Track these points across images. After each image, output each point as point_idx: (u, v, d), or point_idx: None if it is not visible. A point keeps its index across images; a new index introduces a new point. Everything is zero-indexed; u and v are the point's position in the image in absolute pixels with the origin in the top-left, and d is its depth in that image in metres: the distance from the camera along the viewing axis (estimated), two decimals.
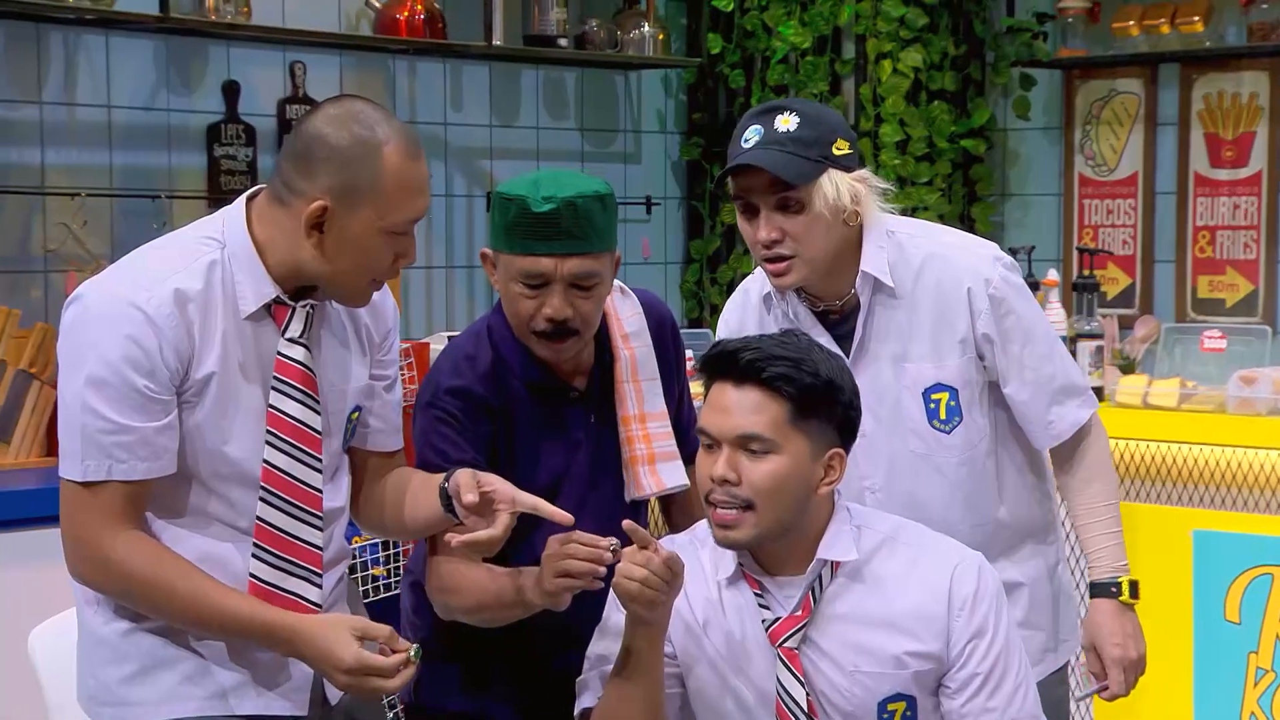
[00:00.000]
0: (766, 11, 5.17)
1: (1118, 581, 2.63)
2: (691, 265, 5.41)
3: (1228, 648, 4.18)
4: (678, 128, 5.41)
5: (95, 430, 2.13)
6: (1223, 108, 4.93)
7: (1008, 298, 2.59)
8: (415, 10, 4.50)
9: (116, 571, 2.16)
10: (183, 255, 2.20)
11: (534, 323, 2.47)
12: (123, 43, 4.16)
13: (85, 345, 2.14)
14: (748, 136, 2.50)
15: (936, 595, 2.30)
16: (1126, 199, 5.13)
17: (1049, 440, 2.66)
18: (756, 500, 2.22)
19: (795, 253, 2.50)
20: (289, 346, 2.23)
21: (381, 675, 2.14)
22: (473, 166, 4.90)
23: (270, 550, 2.22)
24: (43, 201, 4.02)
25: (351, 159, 2.16)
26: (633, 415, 2.57)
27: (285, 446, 2.22)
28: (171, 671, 2.22)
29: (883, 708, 2.27)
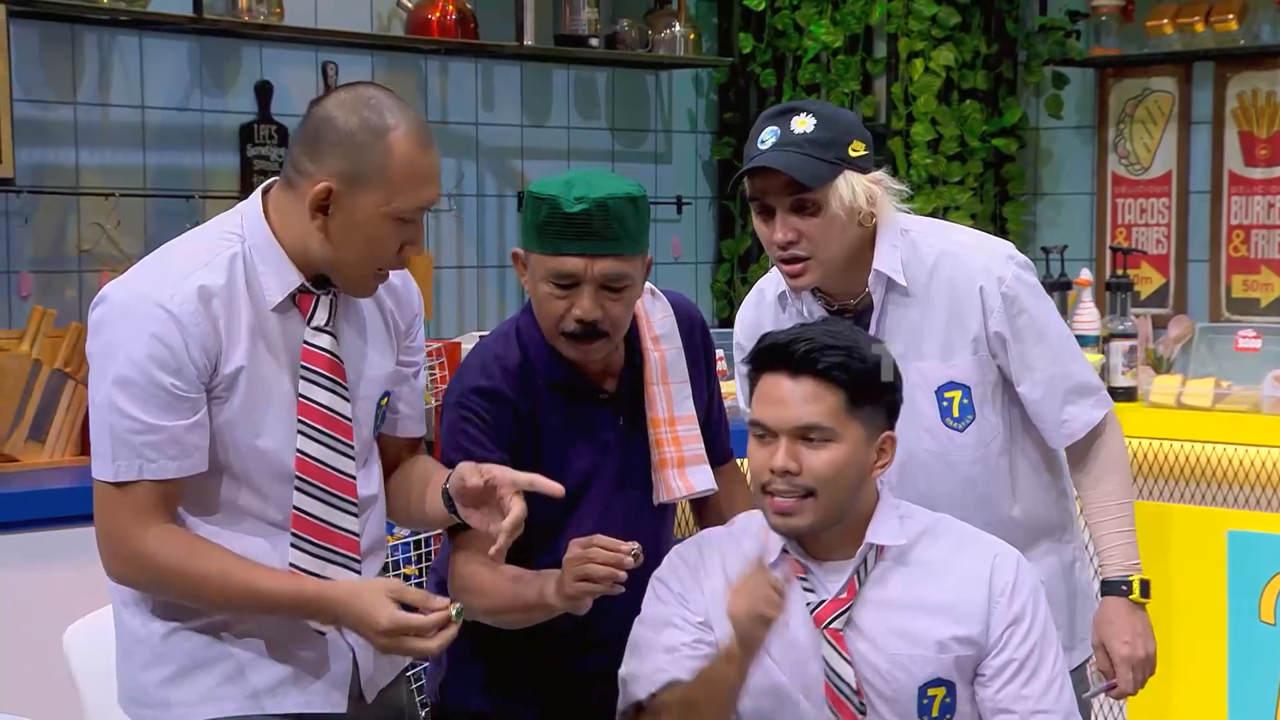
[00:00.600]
0: (798, 11, 5.16)
1: (1129, 580, 2.63)
2: (722, 265, 5.41)
3: (1262, 649, 4.15)
4: (709, 127, 5.41)
5: (125, 430, 2.14)
6: (1257, 106, 4.90)
7: (1020, 296, 2.59)
8: (447, 10, 4.51)
9: (150, 566, 2.17)
10: (205, 251, 2.20)
11: (563, 324, 2.46)
12: (156, 43, 4.18)
13: (112, 345, 2.14)
14: (764, 138, 2.51)
15: (977, 581, 2.33)
16: (1160, 198, 5.10)
17: (1063, 440, 2.66)
18: (818, 488, 2.26)
19: (811, 254, 2.51)
20: (315, 335, 2.22)
21: (419, 635, 2.13)
22: (504, 166, 4.90)
23: (309, 539, 2.22)
24: (77, 202, 4.03)
25: (360, 143, 2.15)
26: (662, 418, 2.56)
27: (317, 435, 2.22)
28: (210, 672, 2.22)
29: (923, 692, 2.29)
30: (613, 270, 2.44)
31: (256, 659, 2.23)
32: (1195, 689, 4.25)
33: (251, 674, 2.23)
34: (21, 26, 3.89)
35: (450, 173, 4.76)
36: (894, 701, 2.28)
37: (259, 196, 2.25)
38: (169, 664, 2.23)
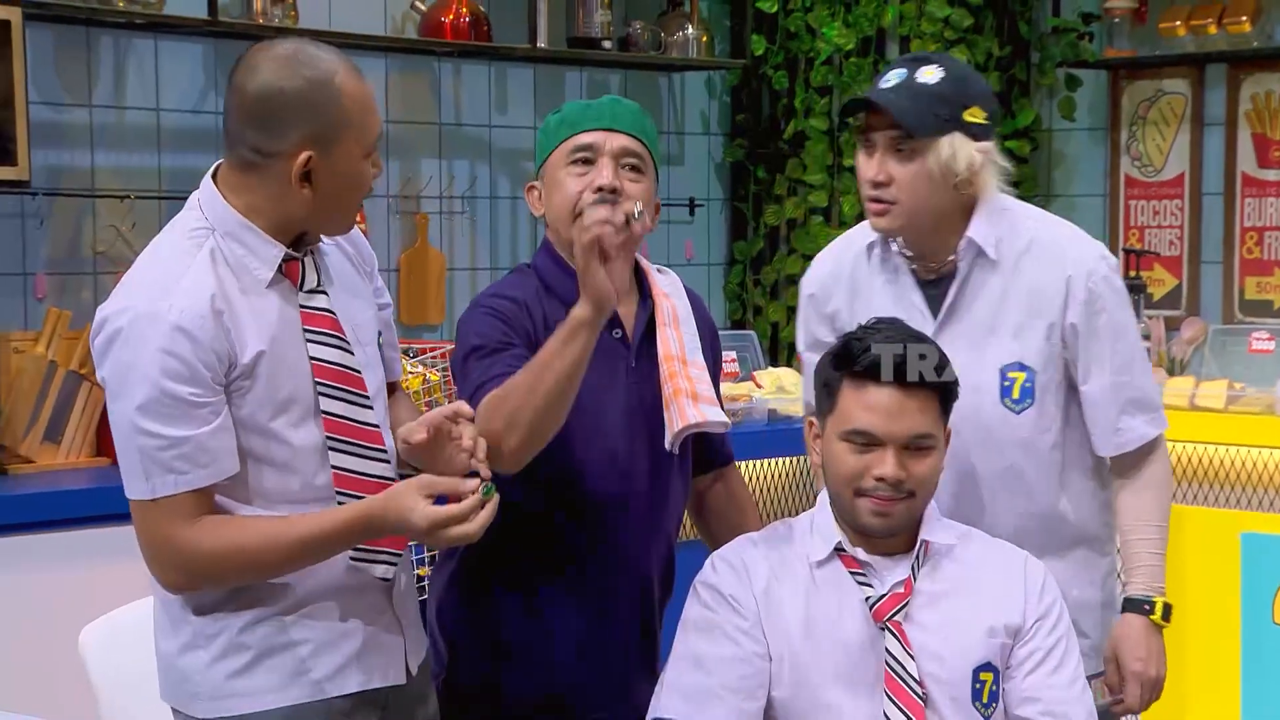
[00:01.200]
0: (810, 13, 5.16)
1: (1152, 600, 2.61)
2: (735, 266, 5.40)
3: (1276, 650, 4.14)
4: (721, 129, 5.41)
5: (153, 449, 2.13)
6: (1270, 108, 4.89)
7: (1105, 295, 2.59)
8: (460, 13, 4.51)
9: (199, 561, 2.17)
10: (184, 254, 2.18)
11: (581, 200, 2.47)
12: (171, 46, 4.18)
13: (124, 368, 2.13)
14: (888, 78, 2.54)
15: (1013, 576, 2.40)
16: (1173, 200, 5.09)
17: (1112, 448, 2.64)
18: (918, 490, 2.34)
19: (897, 199, 2.53)
20: (310, 297, 2.23)
21: (458, 522, 2.16)
22: (517, 168, 4.90)
23: (353, 494, 2.22)
24: (92, 204, 4.04)
25: (316, 102, 2.14)
26: (675, 355, 2.55)
27: (336, 392, 2.22)
28: (280, 660, 2.23)
29: (976, 676, 2.33)
30: (631, 146, 2.50)
31: (321, 644, 2.25)
32: (1209, 691, 4.24)
33: (316, 660, 2.24)
34: (37, 30, 3.90)
35: (464, 174, 4.77)
36: (950, 685, 2.32)
37: (211, 183, 2.22)
38: (243, 655, 2.23)
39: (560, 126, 2.55)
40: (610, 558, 2.54)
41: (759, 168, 5.32)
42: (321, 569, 2.23)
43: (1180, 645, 4.29)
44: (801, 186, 5.24)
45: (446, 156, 4.74)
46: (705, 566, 2.42)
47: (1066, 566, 2.63)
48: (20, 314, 3.95)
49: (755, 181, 5.34)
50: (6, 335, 3.84)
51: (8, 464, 3.73)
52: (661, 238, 5.12)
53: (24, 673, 3.37)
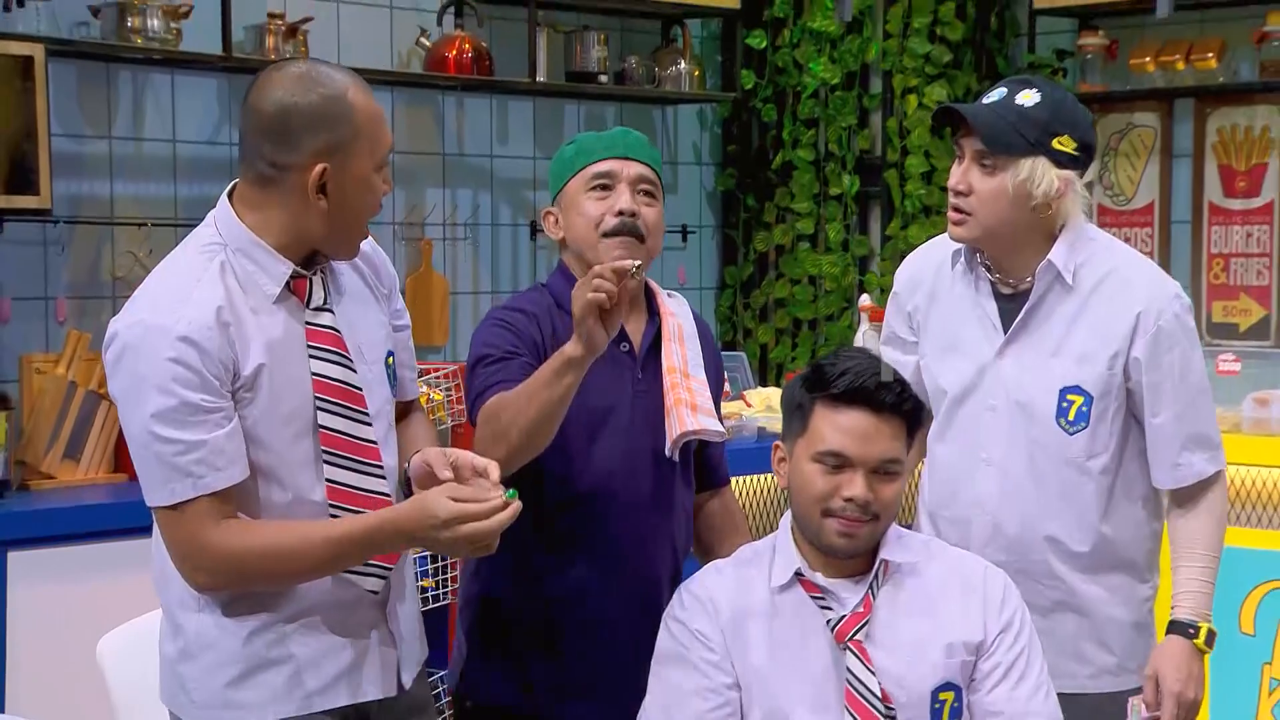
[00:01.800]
0: (798, 49, 5.19)
1: (1198, 625, 2.56)
2: (726, 291, 5.42)
3: (1243, 659, 4.15)
4: (713, 159, 5.43)
5: (171, 455, 2.12)
6: (1236, 140, 4.92)
7: (1175, 334, 2.56)
8: (463, 49, 4.54)
9: (235, 560, 2.15)
10: (195, 268, 2.18)
11: (604, 223, 2.53)
12: (187, 81, 4.21)
13: (136, 380, 2.13)
14: (990, 95, 2.56)
15: (973, 590, 2.35)
16: (1144, 227, 5.11)
17: (1170, 481, 2.60)
18: (883, 513, 2.31)
19: (974, 211, 2.53)
20: (316, 315, 2.22)
21: (477, 518, 2.13)
22: (518, 196, 4.92)
23: (346, 508, 2.21)
24: (111, 231, 4.06)
25: (329, 117, 2.15)
26: (677, 368, 2.59)
27: (335, 408, 2.21)
28: (276, 672, 2.21)
29: (935, 696, 2.30)
30: (645, 174, 2.57)
31: (315, 657, 2.22)
32: None
33: (309, 673, 2.22)
34: (60, 65, 3.92)
35: (466, 203, 4.79)
36: (909, 707, 2.29)
37: (226, 202, 2.23)
38: (239, 665, 2.21)
39: (578, 155, 2.60)
40: (616, 557, 2.55)
41: (749, 196, 5.35)
42: (315, 583, 2.21)
43: None
44: (789, 214, 5.27)
45: (450, 185, 4.76)
46: (673, 599, 2.40)
47: (1104, 587, 2.60)
48: (42, 336, 3.97)
49: (745, 209, 5.36)
50: (29, 357, 3.86)
51: (29, 480, 3.74)
52: (656, 262, 5.13)
53: (45, 680, 3.37)
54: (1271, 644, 4.11)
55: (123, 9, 3.92)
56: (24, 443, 3.77)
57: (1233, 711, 4.16)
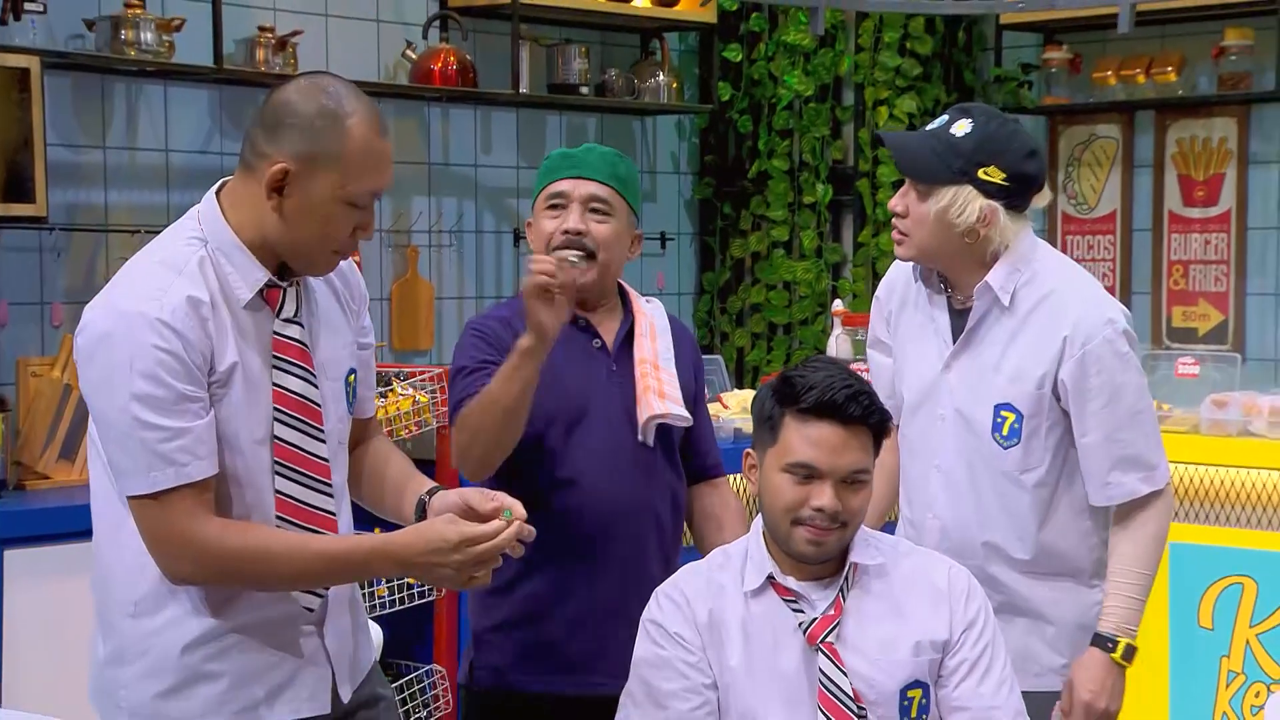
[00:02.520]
0: (773, 62, 5.19)
1: (1116, 640, 2.57)
2: (703, 296, 5.42)
3: (1201, 652, 4.17)
4: (691, 169, 5.43)
5: (155, 441, 2.03)
6: (1195, 151, 4.94)
7: (1103, 358, 2.54)
8: (448, 61, 4.53)
9: (216, 555, 2.06)
10: (175, 260, 2.09)
11: (553, 240, 2.58)
12: (180, 92, 4.19)
13: (115, 367, 2.03)
14: (933, 123, 2.59)
15: (938, 589, 2.35)
16: (1106, 235, 5.13)
17: (1102, 499, 2.60)
18: (850, 521, 2.30)
19: (909, 232, 2.57)
20: (285, 326, 2.14)
21: (485, 540, 2.10)
22: (501, 205, 4.92)
23: (293, 522, 2.14)
24: (106, 238, 4.04)
25: (317, 127, 2.07)
26: (648, 359, 2.63)
27: (292, 421, 2.13)
28: (210, 686, 2.12)
29: (903, 695, 2.29)
30: (597, 192, 2.60)
31: (248, 674, 2.13)
32: (1140, 689, 4.26)
33: (241, 689, 2.13)
34: (55, 77, 3.91)
35: (451, 210, 4.78)
36: (879, 705, 2.29)
37: (213, 198, 2.15)
38: (169, 676, 2.12)
39: (543, 175, 2.66)
40: (602, 540, 2.57)
41: (725, 204, 5.35)
42: (253, 598, 2.12)
43: None
44: (765, 222, 5.27)
45: (435, 194, 4.75)
46: (650, 603, 2.38)
47: (1051, 590, 2.62)
48: (38, 341, 3.95)
49: (722, 217, 5.36)
50: (25, 360, 3.84)
51: (26, 480, 3.72)
52: (635, 269, 5.14)
53: (40, 677, 3.36)
54: (1229, 637, 4.13)
55: (117, 22, 3.90)
56: (20, 444, 3.75)
57: (1192, 704, 4.17)
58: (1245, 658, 4.10)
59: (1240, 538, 4.12)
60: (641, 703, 2.34)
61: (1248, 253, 4.85)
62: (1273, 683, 4.05)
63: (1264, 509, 4.12)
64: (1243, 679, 4.11)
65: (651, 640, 2.35)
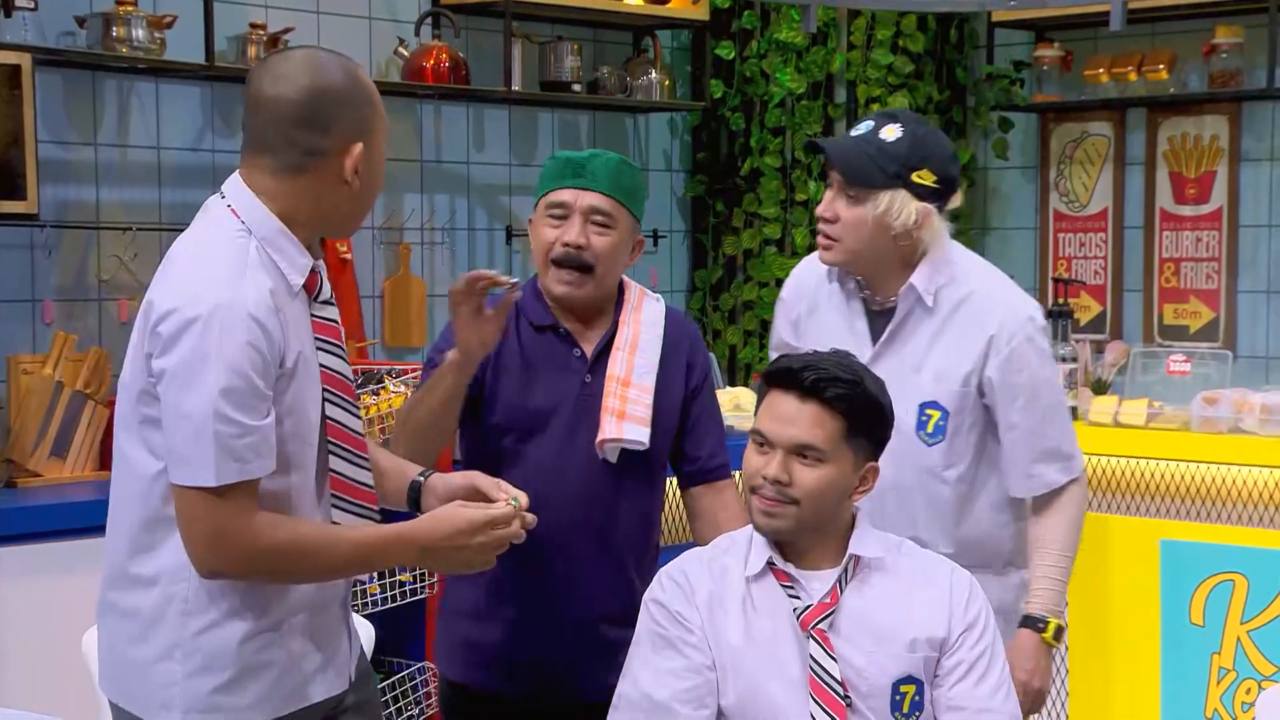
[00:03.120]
0: (765, 59, 5.19)
1: (1046, 620, 2.66)
2: (695, 294, 5.42)
3: (1193, 649, 4.17)
4: (683, 166, 5.43)
5: (229, 436, 2.02)
6: (1186, 149, 4.94)
7: (1026, 356, 2.63)
8: (440, 58, 4.52)
9: (265, 550, 2.07)
10: (237, 254, 2.09)
11: (553, 251, 2.57)
12: (171, 89, 4.18)
13: (205, 357, 2.02)
14: (858, 127, 2.61)
15: (940, 588, 2.37)
16: (1098, 233, 5.13)
17: (1023, 490, 2.70)
18: (802, 500, 2.30)
19: (840, 237, 2.60)
20: (321, 308, 2.18)
21: (503, 523, 2.18)
22: (494, 202, 4.91)
23: (346, 499, 2.18)
24: (97, 235, 4.03)
25: (355, 97, 2.13)
26: (618, 377, 2.60)
27: (337, 399, 2.18)
28: (265, 674, 2.15)
29: (896, 689, 2.31)
30: (599, 204, 2.57)
31: (295, 659, 2.17)
32: (1131, 685, 4.27)
33: (291, 674, 2.17)
34: (46, 74, 3.90)
35: (444, 208, 4.77)
36: (870, 697, 2.30)
37: (248, 191, 2.13)
38: (229, 670, 2.12)
39: (545, 179, 2.63)
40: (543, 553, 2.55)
41: (718, 202, 5.35)
42: (300, 587, 2.16)
43: (1105, 642, 4.32)
44: (757, 219, 5.27)
45: (428, 191, 4.75)
46: (653, 583, 2.41)
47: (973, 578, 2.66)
48: (29, 338, 3.94)
49: (714, 215, 5.36)
50: (16, 358, 3.83)
51: (17, 478, 3.71)
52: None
53: (30, 673, 3.35)
54: (1220, 634, 4.14)
55: (108, 19, 3.89)
56: (11, 441, 3.75)
57: (1183, 700, 4.18)
58: (1236, 654, 4.11)
59: (1231, 535, 4.13)
60: (641, 682, 2.35)
61: (1239, 250, 4.86)
62: (1263, 679, 4.05)
63: (1255, 506, 4.13)
64: (1234, 675, 4.12)
65: (652, 618, 2.37)
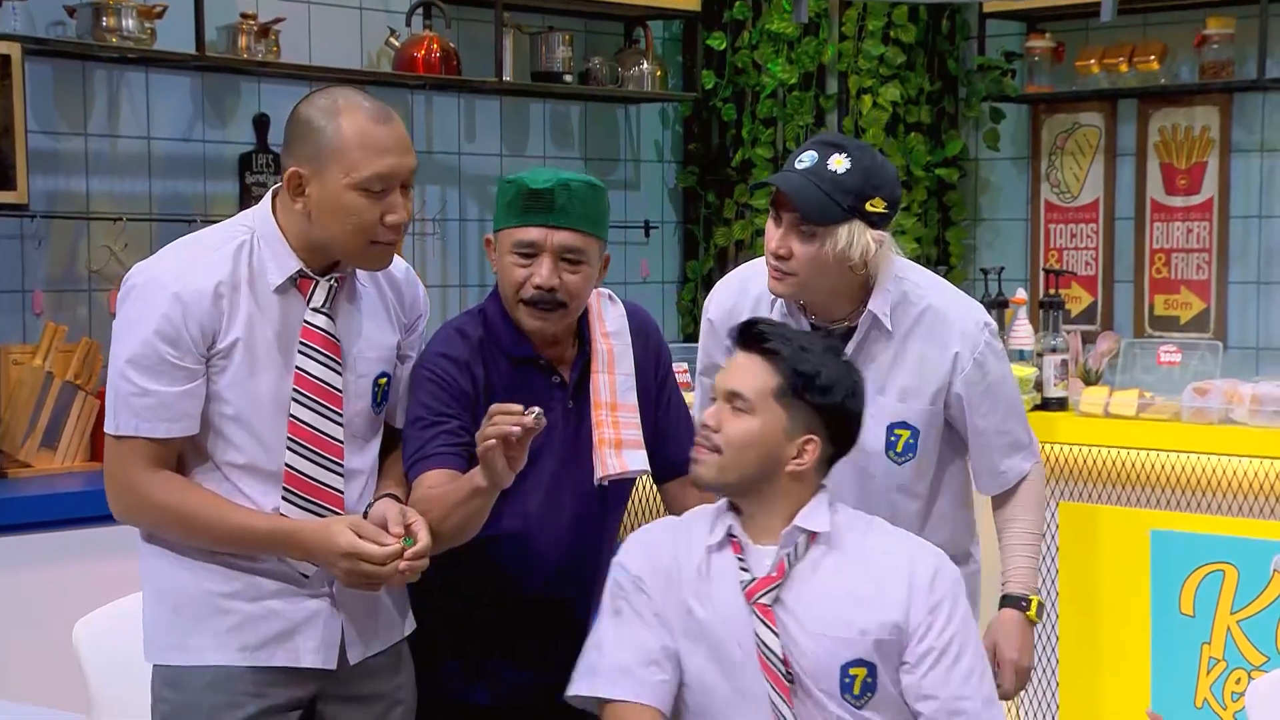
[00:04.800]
0: (756, 50, 5.18)
1: (1028, 598, 2.69)
2: (687, 284, 5.42)
3: (1183, 639, 4.18)
4: (674, 157, 5.42)
5: (127, 394, 2.28)
6: (1177, 140, 4.95)
7: (988, 362, 2.67)
8: (432, 49, 4.51)
9: (149, 504, 2.29)
10: (216, 240, 2.34)
11: (523, 291, 2.49)
12: (162, 79, 4.17)
13: (130, 321, 2.29)
14: (802, 159, 2.54)
15: (898, 572, 2.36)
16: (1089, 224, 5.14)
17: (995, 488, 2.75)
18: (724, 449, 2.33)
19: (795, 272, 2.54)
20: (313, 315, 2.33)
21: (371, 561, 2.25)
22: (485, 193, 4.91)
23: (297, 493, 2.32)
24: (87, 226, 4.03)
25: (316, 128, 2.28)
26: (604, 402, 2.56)
27: (310, 402, 2.32)
28: (220, 622, 2.32)
29: (845, 671, 2.31)
30: (570, 242, 2.48)
31: (253, 617, 2.32)
32: (1121, 675, 4.28)
33: (247, 630, 2.32)
34: (36, 64, 3.89)
35: (435, 199, 4.77)
36: (817, 678, 2.31)
37: (269, 196, 2.38)
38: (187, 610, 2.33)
39: (509, 210, 2.51)
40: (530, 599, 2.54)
41: (709, 193, 5.34)
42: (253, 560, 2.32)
43: (1095, 632, 4.33)
44: (748, 210, 5.27)
45: (419, 182, 4.72)
46: (621, 549, 2.43)
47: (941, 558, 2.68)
48: (19, 328, 3.93)
49: (706, 205, 5.36)
50: (6, 348, 3.82)
51: (7, 468, 3.71)
52: (619, 258, 5.13)
53: (22, 664, 3.35)
54: (1210, 624, 4.15)
55: (98, 9, 3.88)
56: (2, 432, 3.74)
57: (1173, 690, 4.19)
58: (1226, 644, 4.12)
59: (1221, 525, 4.14)
60: (604, 646, 2.36)
61: (1229, 241, 4.87)
62: (1253, 669, 4.06)
63: (1245, 496, 4.14)
64: (1224, 665, 4.13)
65: (615, 585, 2.40)
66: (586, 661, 2.39)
